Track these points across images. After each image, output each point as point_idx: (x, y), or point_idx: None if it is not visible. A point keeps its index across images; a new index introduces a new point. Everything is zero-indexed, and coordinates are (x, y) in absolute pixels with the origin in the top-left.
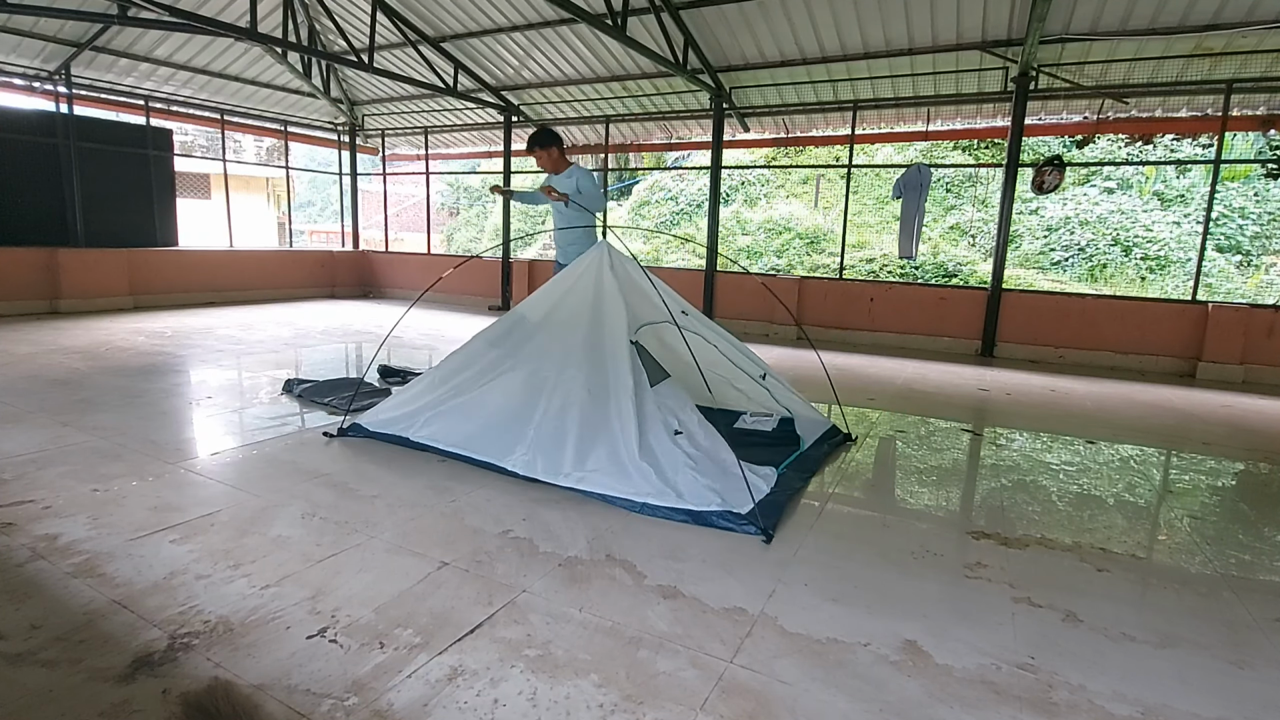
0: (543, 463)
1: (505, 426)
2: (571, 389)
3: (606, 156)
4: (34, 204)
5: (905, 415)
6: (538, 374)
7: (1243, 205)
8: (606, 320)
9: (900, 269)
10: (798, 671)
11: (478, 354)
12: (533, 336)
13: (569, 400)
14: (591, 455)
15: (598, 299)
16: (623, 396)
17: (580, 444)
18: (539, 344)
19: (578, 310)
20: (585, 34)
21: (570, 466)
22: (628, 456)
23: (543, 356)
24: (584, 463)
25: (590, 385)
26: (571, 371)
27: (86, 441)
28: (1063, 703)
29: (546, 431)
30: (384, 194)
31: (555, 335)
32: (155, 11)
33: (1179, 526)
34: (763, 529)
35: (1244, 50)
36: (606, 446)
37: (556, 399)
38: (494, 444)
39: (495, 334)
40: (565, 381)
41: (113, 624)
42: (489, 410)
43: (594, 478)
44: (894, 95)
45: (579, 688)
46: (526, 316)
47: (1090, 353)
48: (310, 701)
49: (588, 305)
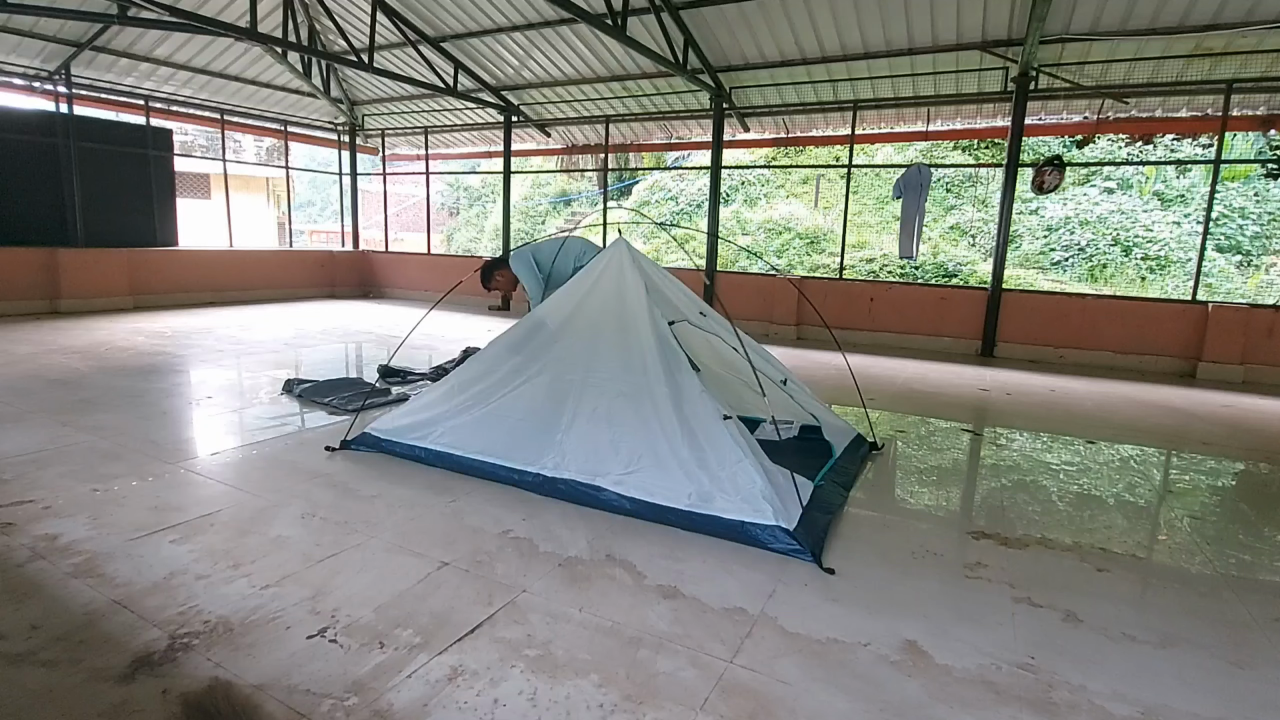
0: (576, 467)
1: (531, 434)
2: (601, 391)
3: (606, 156)
4: (34, 204)
5: (905, 415)
6: (562, 379)
7: (1243, 205)
8: (632, 316)
9: (900, 269)
10: (798, 671)
11: (498, 361)
12: (555, 341)
13: (599, 403)
14: (628, 455)
15: (621, 296)
16: (658, 389)
17: (615, 445)
18: (563, 348)
19: (602, 310)
20: (585, 34)
21: (608, 468)
22: (669, 450)
23: (567, 361)
24: (622, 464)
25: (622, 386)
26: (601, 374)
27: (86, 441)
28: (1063, 703)
29: (576, 436)
30: (384, 194)
31: (579, 338)
32: (155, 11)
33: (1179, 526)
34: (816, 556)
35: (1244, 50)
36: (646, 444)
37: (586, 403)
38: (520, 451)
39: (514, 339)
40: (594, 385)
41: (113, 624)
42: (514, 418)
43: (633, 479)
44: (894, 95)
45: (579, 688)
46: (546, 321)
47: (1090, 353)
48: (310, 701)
49: (612, 304)
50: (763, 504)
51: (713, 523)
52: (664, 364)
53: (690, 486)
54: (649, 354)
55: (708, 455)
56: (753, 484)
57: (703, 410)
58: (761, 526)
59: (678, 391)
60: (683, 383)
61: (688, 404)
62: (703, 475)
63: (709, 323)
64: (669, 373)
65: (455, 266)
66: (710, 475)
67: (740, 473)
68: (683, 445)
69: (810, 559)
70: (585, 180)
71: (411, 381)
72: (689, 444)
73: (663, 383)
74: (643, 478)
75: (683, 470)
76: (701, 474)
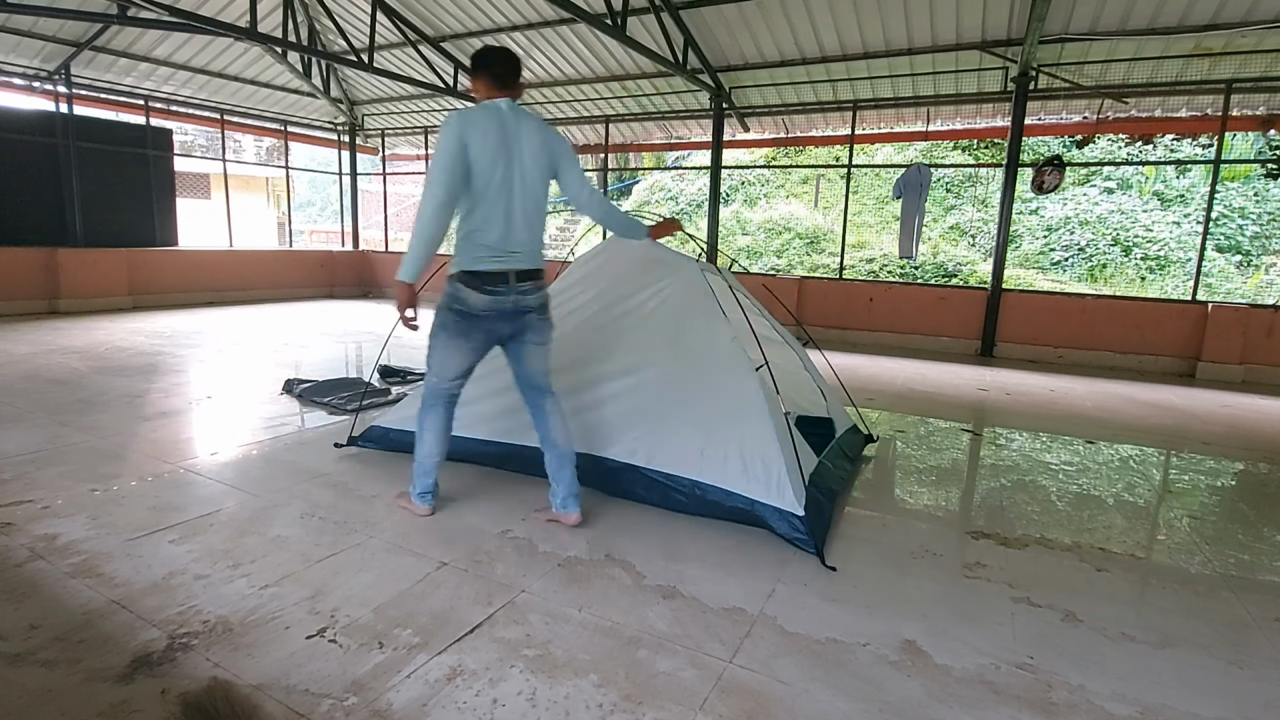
0: (585, 440)
1: None
2: (621, 361)
3: (606, 156)
4: (34, 204)
5: (905, 415)
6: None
7: (1243, 205)
8: (647, 276)
9: (900, 269)
10: (797, 671)
11: None
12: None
13: (621, 378)
14: (636, 421)
15: (614, 268)
16: (682, 344)
17: (621, 413)
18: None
19: (614, 283)
20: (585, 34)
21: (616, 438)
22: (677, 407)
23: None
24: (631, 431)
25: (647, 358)
26: (624, 351)
27: (86, 441)
28: (1062, 703)
29: (583, 406)
30: (384, 194)
31: (593, 316)
32: (155, 11)
33: (1178, 526)
34: (818, 549)
35: (1244, 50)
36: (657, 404)
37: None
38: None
39: None
40: (617, 358)
41: (112, 624)
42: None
43: (640, 444)
44: (894, 95)
45: (578, 688)
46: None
47: (1090, 353)
48: (309, 701)
49: (622, 276)
50: (774, 478)
51: (718, 497)
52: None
53: (699, 442)
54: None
55: (727, 409)
56: (771, 448)
57: (732, 361)
58: (771, 508)
59: (705, 341)
60: (712, 330)
61: (713, 356)
62: (716, 432)
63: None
64: (700, 323)
65: None
66: (725, 435)
67: (762, 436)
68: (703, 400)
69: (814, 551)
70: None
71: (411, 381)
72: (711, 397)
73: (690, 333)
74: (651, 442)
75: (694, 428)
76: (715, 430)
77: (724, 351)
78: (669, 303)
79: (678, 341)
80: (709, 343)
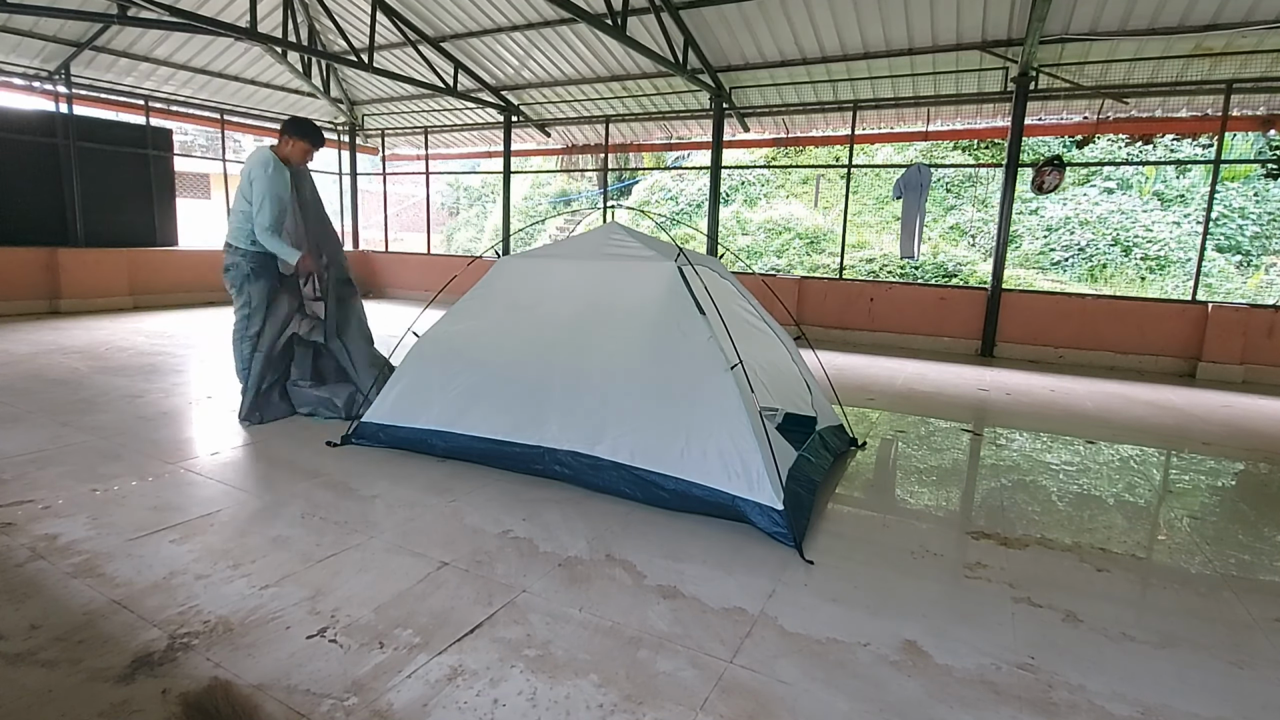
0: (572, 435)
1: (524, 404)
2: (598, 351)
3: (606, 156)
4: (34, 204)
5: (905, 415)
6: (539, 342)
7: (1243, 205)
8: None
9: (900, 269)
10: (797, 671)
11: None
12: (529, 308)
13: (604, 375)
14: (621, 418)
15: (593, 264)
16: (661, 339)
17: (606, 409)
18: (545, 315)
19: (596, 280)
20: (585, 34)
21: (601, 435)
22: (662, 408)
23: (541, 327)
24: (615, 428)
25: (621, 346)
26: (596, 337)
27: (86, 441)
28: (1062, 703)
29: (569, 402)
30: (384, 194)
31: (549, 311)
32: (155, 11)
33: (1179, 526)
34: (797, 542)
35: (1244, 50)
36: (638, 403)
37: (577, 367)
38: (518, 423)
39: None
40: (590, 347)
41: (112, 624)
42: (504, 387)
43: (623, 442)
44: (894, 95)
45: (579, 688)
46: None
47: (1090, 353)
48: (310, 701)
49: (603, 271)
50: (753, 474)
51: (701, 494)
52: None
53: (681, 442)
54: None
55: (705, 409)
56: (748, 446)
57: (708, 361)
58: (751, 503)
59: (683, 339)
60: (689, 328)
61: (690, 356)
62: (696, 431)
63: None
64: (677, 323)
65: (455, 267)
66: (704, 433)
67: (739, 434)
68: (681, 399)
69: (793, 545)
70: (585, 180)
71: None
72: (689, 396)
73: (668, 331)
74: (634, 439)
75: (674, 426)
76: (695, 430)
77: (701, 351)
78: (649, 300)
79: (658, 340)
80: (688, 341)
